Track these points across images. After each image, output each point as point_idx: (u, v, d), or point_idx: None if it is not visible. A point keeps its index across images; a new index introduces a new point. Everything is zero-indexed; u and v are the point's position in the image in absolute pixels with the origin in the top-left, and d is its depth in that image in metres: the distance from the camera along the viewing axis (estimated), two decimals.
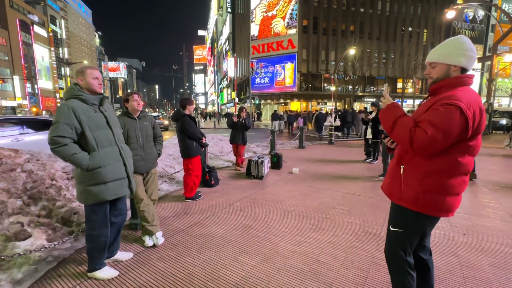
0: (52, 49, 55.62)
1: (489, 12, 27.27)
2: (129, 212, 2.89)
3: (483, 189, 4.41)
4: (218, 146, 7.48)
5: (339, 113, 14.79)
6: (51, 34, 55.77)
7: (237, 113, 6.24)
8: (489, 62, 14.35)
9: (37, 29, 49.05)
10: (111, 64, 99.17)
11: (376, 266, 2.21)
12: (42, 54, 50.56)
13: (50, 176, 3.49)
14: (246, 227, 2.97)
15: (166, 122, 19.41)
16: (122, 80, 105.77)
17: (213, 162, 6.39)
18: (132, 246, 2.56)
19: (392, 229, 1.44)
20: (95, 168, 1.84)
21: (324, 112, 17.72)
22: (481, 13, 34.23)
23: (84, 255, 2.40)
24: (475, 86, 36.10)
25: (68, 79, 48.70)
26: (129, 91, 2.73)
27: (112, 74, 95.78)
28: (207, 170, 4.59)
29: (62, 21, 65.83)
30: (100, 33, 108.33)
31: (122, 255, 2.32)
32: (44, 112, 43.51)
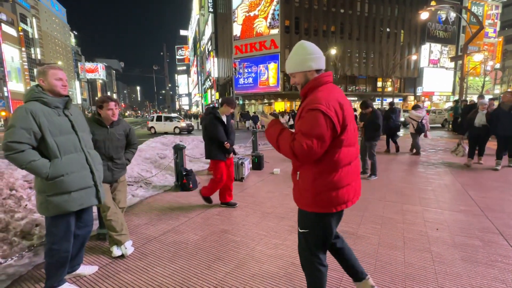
0: (23, 49, 52.56)
1: (460, 14, 28.75)
2: (96, 222, 2.71)
3: (456, 184, 4.56)
4: (198, 148, 7.31)
5: (293, 113, 16.24)
6: (21, 33, 52.67)
7: None
8: (460, 62, 15.05)
9: (5, 28, 46.19)
10: (89, 65, 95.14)
11: None
12: (11, 55, 47.67)
13: (8, 185, 3.22)
14: (222, 232, 2.87)
15: (183, 125, 18.56)
16: (101, 81, 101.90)
17: (193, 165, 6.22)
18: (98, 258, 2.39)
19: (300, 230, 1.52)
20: (57, 176, 1.68)
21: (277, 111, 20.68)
22: (452, 15, 36.03)
23: (44, 271, 2.21)
24: (448, 84, 38.06)
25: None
26: (104, 95, 2.49)
27: (89, 76, 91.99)
28: (184, 173, 4.44)
29: (34, 19, 62.37)
30: (75, 33, 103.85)
31: (86, 269, 2.15)
32: None
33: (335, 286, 1.95)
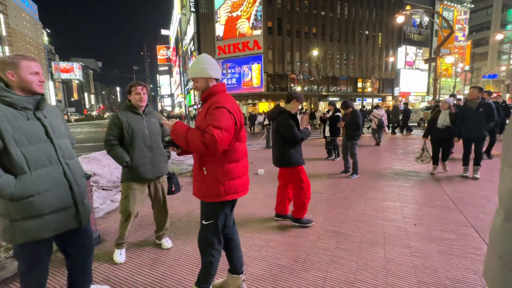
0: None
1: (432, 18, 30.32)
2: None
3: (432, 180, 4.78)
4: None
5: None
6: None
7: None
8: (434, 63, 15.85)
9: None
10: (63, 65, 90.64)
11: (335, 264, 2.21)
12: None
13: None
14: None
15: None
16: (77, 82, 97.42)
17: (175, 167, 6.08)
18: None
19: (205, 223, 1.66)
20: (25, 197, 1.35)
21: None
22: (426, 19, 37.94)
23: (12, 285, 2.05)
24: (423, 84, 39.97)
25: None
26: (133, 82, 2.30)
27: (65, 76, 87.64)
28: (167, 176, 4.31)
29: (1, 16, 58.51)
30: (48, 31, 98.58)
31: None
32: None
33: (320, 285, 1.96)
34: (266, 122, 15.96)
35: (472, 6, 44.96)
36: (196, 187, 1.67)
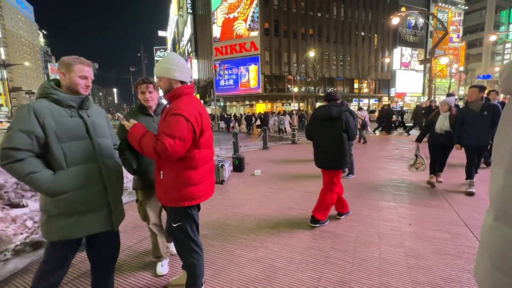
0: None
1: (427, 20, 30.61)
2: None
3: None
4: None
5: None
6: None
7: None
8: (429, 64, 16.00)
9: None
10: None
11: (329, 265, 2.20)
12: None
13: None
14: (201, 237, 2.78)
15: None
16: None
17: None
18: None
19: (174, 225, 1.67)
20: (59, 193, 1.35)
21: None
22: (421, 20, 38.32)
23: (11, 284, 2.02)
24: (418, 85, 40.27)
25: (6, 82, 42.90)
26: (140, 79, 2.12)
27: None
28: None
29: None
30: (45, 32, 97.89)
31: None
32: None
33: (314, 286, 1.95)
34: (258, 122, 17.28)
35: (466, 7, 45.53)
36: (156, 189, 1.69)
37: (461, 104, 7.33)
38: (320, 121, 2.90)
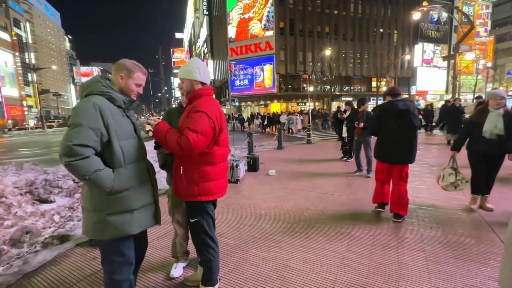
0: (17, 54, 52.09)
1: (451, 14, 29.12)
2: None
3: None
4: None
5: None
6: (15, 38, 52.20)
7: None
8: (453, 61, 15.23)
9: None
10: (84, 69, 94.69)
11: (345, 267, 2.17)
12: (5, 60, 47.23)
13: None
14: (217, 235, 2.83)
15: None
16: None
17: None
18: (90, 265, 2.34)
19: (191, 221, 1.73)
20: (122, 190, 1.39)
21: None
22: (444, 15, 36.52)
23: (34, 279, 2.17)
24: (441, 83, 38.40)
25: (36, 85, 45.75)
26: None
27: (85, 80, 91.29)
28: None
29: (28, 24, 61.88)
30: (70, 37, 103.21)
31: None
32: (9, 122, 40.53)
33: (329, 287, 1.93)
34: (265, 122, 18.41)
35: (495, 0, 42.81)
36: (174, 185, 1.74)
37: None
38: (392, 115, 2.90)
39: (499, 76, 37.88)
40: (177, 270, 2.20)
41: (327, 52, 21.97)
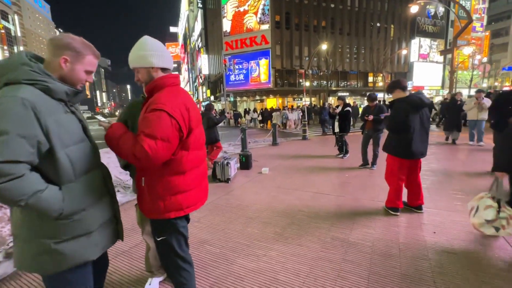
0: (5, 47, 50.69)
1: (448, 7, 28.91)
2: None
3: (452, 180, 4.38)
4: None
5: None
6: (2, 31, 50.75)
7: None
8: (449, 55, 15.06)
9: None
10: None
11: (342, 280, 1.93)
12: None
13: None
14: (201, 243, 2.59)
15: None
16: None
17: None
18: None
19: (157, 239, 1.45)
20: (75, 212, 1.08)
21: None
22: (441, 9, 36.27)
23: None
24: (437, 78, 38.34)
25: None
26: None
27: None
28: None
29: (16, 17, 60.14)
30: (61, 30, 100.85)
31: None
32: None
33: None
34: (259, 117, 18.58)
35: None
36: (138, 198, 1.43)
37: (483, 95, 6.57)
38: (415, 110, 2.81)
39: (494, 72, 37.99)
40: (152, 286, 1.93)
41: (324, 46, 21.61)
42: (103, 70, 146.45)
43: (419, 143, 2.85)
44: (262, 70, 28.95)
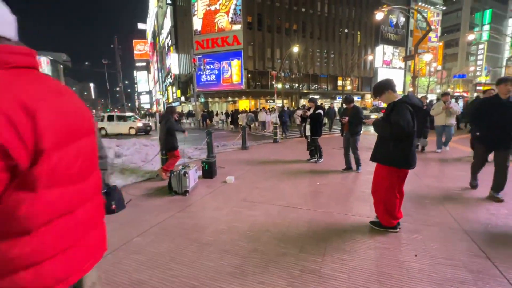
0: None
1: (409, 14, 31.01)
2: None
3: (429, 192, 4.23)
4: (141, 154, 6.17)
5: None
6: None
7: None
8: (410, 62, 15.87)
9: None
10: None
11: None
12: None
13: None
14: (136, 284, 1.98)
15: (139, 125, 17.08)
16: None
17: (129, 174, 5.11)
18: None
19: None
20: None
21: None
22: (402, 19, 38.91)
23: None
24: (399, 83, 40.88)
25: None
26: None
27: None
28: (105, 191, 3.38)
29: None
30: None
31: None
32: None
33: None
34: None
35: (444, 8, 46.84)
36: None
37: (434, 101, 6.62)
38: (417, 112, 2.63)
39: (447, 79, 41.70)
40: None
41: (295, 49, 21.72)
42: (62, 66, 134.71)
43: (413, 150, 2.61)
44: (234, 71, 28.41)
